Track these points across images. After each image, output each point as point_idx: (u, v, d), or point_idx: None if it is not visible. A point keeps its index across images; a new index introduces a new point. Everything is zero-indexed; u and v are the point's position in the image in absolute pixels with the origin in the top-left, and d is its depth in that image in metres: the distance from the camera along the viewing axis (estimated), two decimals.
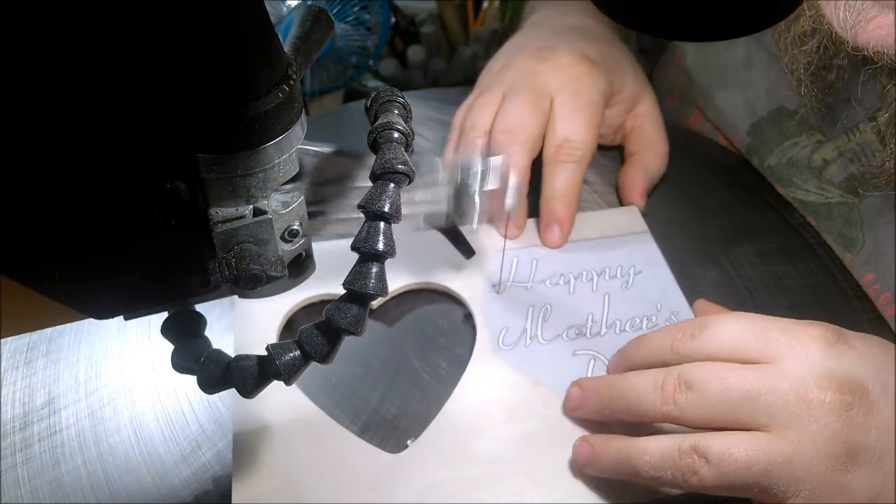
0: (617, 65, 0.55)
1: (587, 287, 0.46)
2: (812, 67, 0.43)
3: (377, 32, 0.72)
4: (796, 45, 0.43)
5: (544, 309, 0.45)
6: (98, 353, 0.44)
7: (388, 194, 0.26)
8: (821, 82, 0.44)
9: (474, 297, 0.46)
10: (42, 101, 0.21)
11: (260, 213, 0.26)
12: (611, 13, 0.27)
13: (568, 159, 0.48)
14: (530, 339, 0.44)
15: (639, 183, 0.53)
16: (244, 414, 0.39)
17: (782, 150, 0.54)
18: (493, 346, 0.43)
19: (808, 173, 0.52)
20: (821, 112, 0.48)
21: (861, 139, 0.47)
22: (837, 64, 0.43)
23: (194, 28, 0.21)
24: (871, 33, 0.38)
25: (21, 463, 0.39)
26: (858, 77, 0.42)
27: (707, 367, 0.34)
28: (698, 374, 0.34)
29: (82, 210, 0.23)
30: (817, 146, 0.51)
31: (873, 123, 0.45)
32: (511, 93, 0.51)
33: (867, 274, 0.49)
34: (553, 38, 0.55)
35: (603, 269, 0.47)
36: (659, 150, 0.55)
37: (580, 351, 0.43)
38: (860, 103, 0.45)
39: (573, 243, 0.49)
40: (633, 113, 0.56)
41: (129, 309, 0.28)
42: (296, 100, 0.25)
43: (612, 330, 0.44)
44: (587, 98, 0.50)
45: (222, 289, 0.29)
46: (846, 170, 0.49)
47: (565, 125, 0.49)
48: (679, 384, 0.34)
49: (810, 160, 0.52)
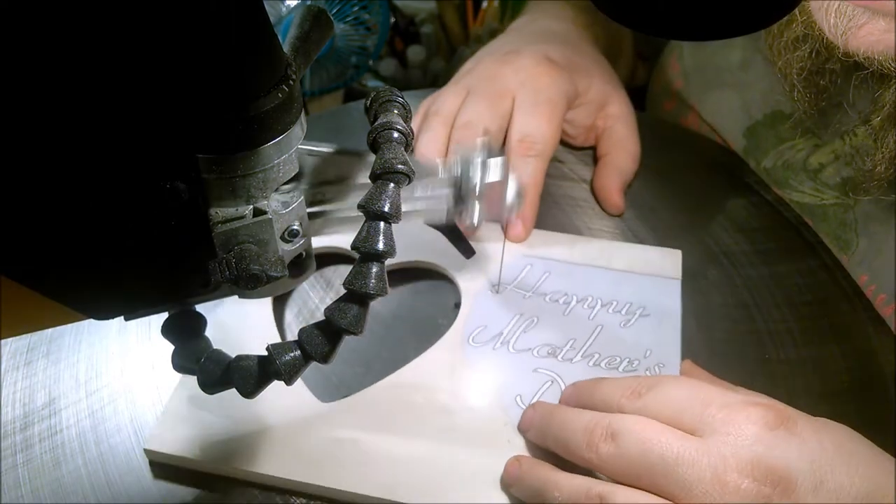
0: (583, 66, 0.56)
1: (585, 312, 0.45)
2: (805, 72, 0.44)
3: (377, 32, 0.72)
4: (789, 50, 0.43)
5: (531, 320, 0.44)
6: (98, 354, 0.44)
7: (388, 194, 0.26)
8: (814, 87, 0.45)
9: (471, 288, 0.46)
10: (43, 102, 0.21)
11: (260, 213, 0.26)
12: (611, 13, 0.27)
13: (528, 153, 0.49)
14: (501, 343, 0.43)
15: (614, 182, 0.53)
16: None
17: (778, 153, 0.54)
18: (462, 339, 0.43)
19: (803, 175, 0.52)
20: (814, 117, 0.48)
21: (856, 143, 0.47)
22: (830, 68, 0.43)
23: (194, 28, 0.21)
24: (862, 39, 0.38)
25: (22, 463, 0.39)
26: (851, 81, 0.43)
27: (636, 422, 0.33)
28: (625, 427, 0.33)
29: (82, 210, 0.23)
30: (813, 150, 0.51)
31: (867, 127, 0.45)
32: (473, 92, 0.52)
33: (862, 275, 0.49)
34: (520, 42, 0.57)
35: (610, 301, 0.45)
36: (630, 149, 0.55)
37: (543, 370, 0.42)
38: (853, 107, 0.45)
39: (595, 268, 0.47)
40: (604, 114, 0.56)
41: (129, 309, 0.28)
42: (295, 100, 0.25)
43: (586, 361, 0.42)
44: (546, 95, 0.52)
45: (222, 289, 0.29)
46: (841, 173, 0.49)
47: (524, 121, 0.50)
48: (606, 433, 0.33)
49: (806, 163, 0.52)
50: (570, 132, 0.57)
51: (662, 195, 0.55)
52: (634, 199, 0.55)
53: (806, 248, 0.52)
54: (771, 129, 0.54)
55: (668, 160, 0.58)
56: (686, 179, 0.57)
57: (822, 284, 0.49)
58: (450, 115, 0.51)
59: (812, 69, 0.43)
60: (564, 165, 0.57)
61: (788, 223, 0.53)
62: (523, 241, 0.49)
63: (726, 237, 0.52)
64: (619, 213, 0.53)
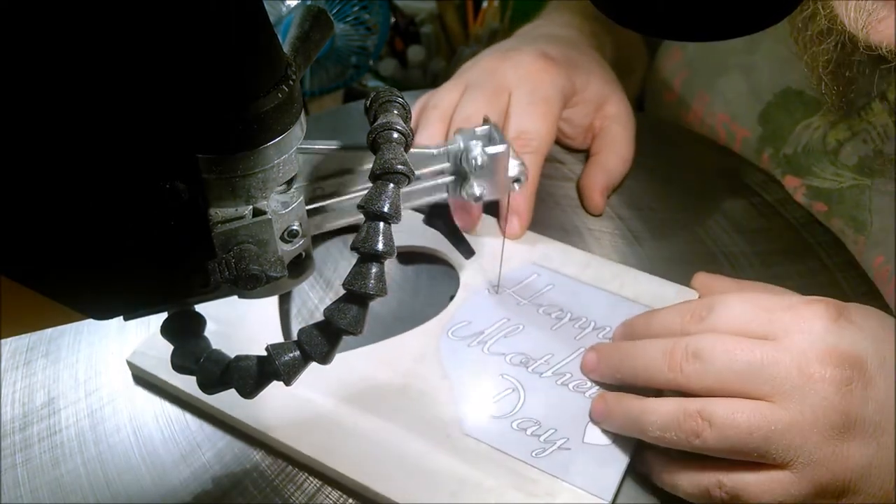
0: (582, 64, 0.56)
1: (573, 332, 0.44)
2: (831, 65, 0.44)
3: (377, 32, 0.72)
4: (815, 44, 0.44)
5: (516, 326, 0.44)
6: (98, 354, 0.44)
7: (388, 194, 0.26)
8: (841, 78, 0.45)
9: (470, 283, 0.46)
10: (42, 102, 0.21)
11: (259, 213, 0.26)
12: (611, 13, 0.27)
13: (524, 150, 0.49)
14: (478, 343, 0.43)
15: (598, 182, 0.53)
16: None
17: (796, 136, 0.54)
18: (442, 330, 0.44)
19: (824, 160, 0.52)
20: (843, 109, 0.48)
21: (873, 119, 0.48)
22: (857, 60, 0.43)
23: (194, 28, 0.21)
24: (883, 33, 0.38)
25: (21, 463, 0.39)
26: (877, 73, 0.43)
27: (714, 338, 0.35)
28: (706, 345, 0.35)
29: (82, 210, 0.23)
30: (830, 126, 0.51)
31: (884, 103, 0.46)
32: (472, 87, 0.53)
33: (878, 256, 0.49)
34: (522, 43, 0.57)
35: (604, 326, 0.44)
36: (620, 151, 0.55)
37: (509, 376, 0.41)
38: (882, 99, 0.46)
39: (601, 290, 0.46)
40: (601, 114, 0.56)
41: (128, 309, 0.28)
42: (295, 100, 0.25)
43: (555, 378, 0.41)
44: (542, 93, 0.52)
45: (222, 289, 0.29)
46: (859, 151, 0.50)
47: (521, 118, 0.51)
48: (687, 353, 0.35)
49: (825, 143, 0.52)
50: (569, 132, 0.57)
51: (662, 195, 0.55)
52: (634, 199, 0.55)
53: (806, 249, 0.52)
54: (784, 111, 0.54)
55: (668, 160, 0.58)
56: (686, 179, 0.57)
57: (822, 285, 0.49)
58: (448, 109, 0.52)
59: (838, 61, 0.44)
60: (564, 166, 0.57)
61: (789, 224, 0.53)
62: (519, 237, 0.49)
63: (726, 238, 0.52)
64: (599, 213, 0.53)
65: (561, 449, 0.38)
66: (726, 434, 0.33)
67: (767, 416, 0.33)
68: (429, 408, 0.40)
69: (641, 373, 0.38)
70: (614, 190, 0.55)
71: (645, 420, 0.36)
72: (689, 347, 0.36)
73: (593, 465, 0.37)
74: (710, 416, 0.34)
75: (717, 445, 0.34)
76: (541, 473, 0.37)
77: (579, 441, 0.38)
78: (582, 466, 0.37)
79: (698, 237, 0.52)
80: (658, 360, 0.36)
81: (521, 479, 0.37)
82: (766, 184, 0.56)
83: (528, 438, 0.39)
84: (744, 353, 0.34)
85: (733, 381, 0.34)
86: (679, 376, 0.35)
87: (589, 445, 0.38)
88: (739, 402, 0.34)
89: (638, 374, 0.38)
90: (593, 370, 0.41)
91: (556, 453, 0.38)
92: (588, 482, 0.37)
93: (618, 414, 0.38)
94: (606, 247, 0.51)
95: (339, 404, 0.40)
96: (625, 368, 0.39)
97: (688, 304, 0.38)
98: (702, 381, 0.35)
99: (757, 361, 0.34)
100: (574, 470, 0.37)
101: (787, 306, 0.36)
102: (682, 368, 0.35)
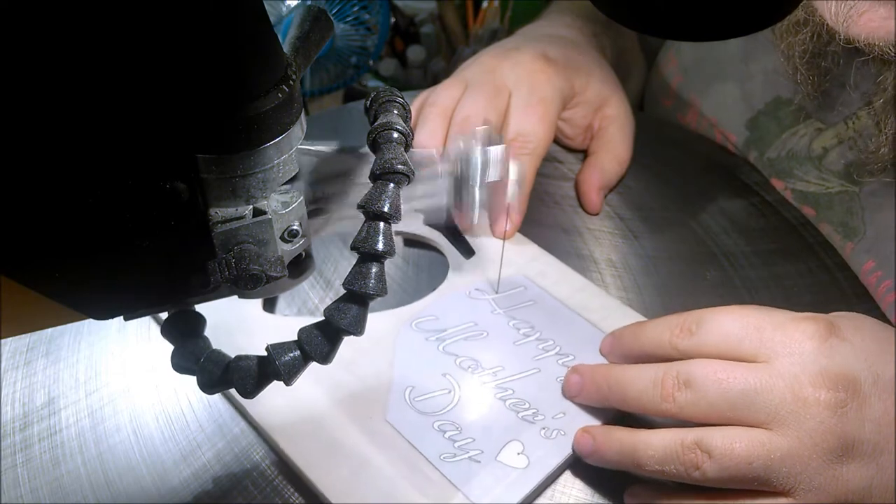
0: (582, 65, 0.56)
1: (533, 352, 0.42)
2: (807, 55, 0.44)
3: (377, 32, 0.72)
4: (791, 34, 0.44)
5: (480, 333, 0.43)
6: (98, 354, 0.44)
7: (388, 194, 0.26)
8: (816, 69, 0.45)
9: (456, 281, 0.47)
10: (42, 102, 0.21)
11: (259, 213, 0.26)
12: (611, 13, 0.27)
13: (521, 152, 0.50)
14: (436, 339, 0.43)
15: (595, 182, 0.54)
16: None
17: (782, 142, 0.54)
18: (409, 319, 0.44)
19: (808, 164, 0.52)
20: (817, 99, 0.48)
21: (859, 126, 0.48)
22: (832, 51, 0.44)
23: (194, 28, 0.21)
24: (863, 26, 0.39)
25: (21, 463, 0.39)
26: (852, 64, 0.43)
27: (705, 365, 0.35)
28: (697, 373, 0.34)
29: (82, 210, 0.23)
30: (816, 134, 0.51)
31: (869, 108, 0.46)
32: (471, 86, 0.53)
33: (868, 261, 0.49)
34: (523, 43, 0.57)
35: (567, 354, 0.42)
36: (617, 152, 0.55)
37: (450, 377, 0.41)
38: (856, 90, 0.46)
39: (582, 319, 0.44)
40: (601, 115, 0.56)
41: (129, 309, 0.28)
42: (295, 100, 0.25)
43: (495, 391, 0.40)
44: (541, 94, 0.52)
45: (222, 289, 0.29)
46: (845, 157, 0.50)
47: (519, 119, 0.51)
48: (678, 382, 0.35)
49: (810, 149, 0.52)
50: (568, 133, 0.57)
51: (662, 195, 0.55)
52: (634, 199, 0.55)
53: (806, 249, 0.52)
54: (773, 118, 0.55)
55: (668, 160, 0.58)
56: (686, 179, 0.57)
57: (822, 285, 0.49)
58: (447, 107, 0.52)
59: (814, 51, 0.44)
60: (564, 165, 0.57)
61: (788, 224, 0.53)
62: (510, 237, 0.49)
63: (726, 238, 0.52)
64: (596, 212, 0.53)
65: (471, 460, 0.37)
66: (726, 465, 0.33)
67: (766, 444, 0.32)
68: (364, 388, 0.40)
69: (633, 402, 0.36)
70: (611, 189, 0.55)
71: (640, 455, 0.35)
72: (679, 376, 0.35)
73: (497, 484, 0.36)
74: (709, 448, 0.33)
75: (717, 476, 0.33)
76: (441, 477, 0.37)
77: (492, 457, 0.37)
78: (485, 482, 0.36)
79: (698, 237, 0.52)
80: (650, 391, 0.35)
81: (420, 476, 0.37)
82: (765, 184, 0.56)
83: (443, 441, 0.38)
84: (737, 381, 0.33)
85: (727, 410, 0.33)
86: (672, 406, 0.35)
87: (500, 464, 0.37)
88: (736, 430, 0.33)
89: (629, 403, 0.37)
90: (577, 394, 0.39)
91: (464, 462, 0.37)
92: (484, 499, 0.36)
93: (608, 449, 0.36)
94: (606, 246, 0.51)
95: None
96: (614, 396, 0.37)
97: (676, 317, 0.37)
98: (695, 410, 0.34)
99: (751, 389, 0.33)
100: (475, 483, 0.36)
101: (777, 325, 0.35)
102: (675, 398, 0.34)
